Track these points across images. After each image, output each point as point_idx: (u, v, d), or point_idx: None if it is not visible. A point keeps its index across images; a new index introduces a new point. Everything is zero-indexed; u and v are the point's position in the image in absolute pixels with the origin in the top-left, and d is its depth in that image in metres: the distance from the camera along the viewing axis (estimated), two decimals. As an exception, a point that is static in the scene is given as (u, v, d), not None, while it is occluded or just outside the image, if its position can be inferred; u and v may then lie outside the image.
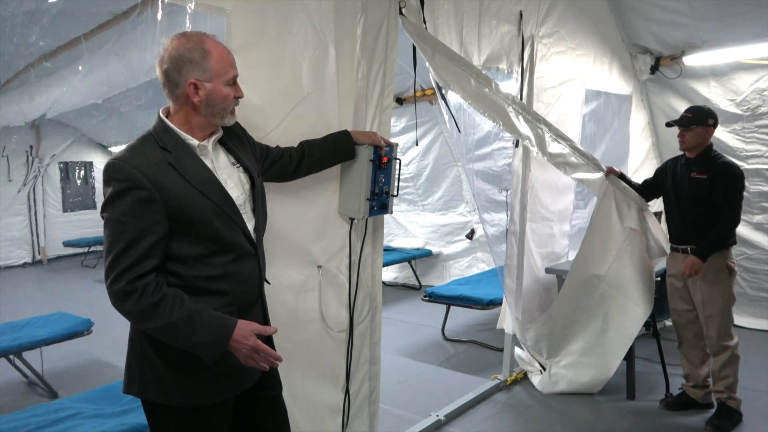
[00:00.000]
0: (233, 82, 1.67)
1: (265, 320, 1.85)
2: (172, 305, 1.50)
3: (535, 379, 3.78)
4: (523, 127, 3.08)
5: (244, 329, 1.58)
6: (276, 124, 2.22)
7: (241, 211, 1.70)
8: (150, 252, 1.51)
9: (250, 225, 1.73)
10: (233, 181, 1.72)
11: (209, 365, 1.59)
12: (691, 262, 3.10)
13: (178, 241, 1.57)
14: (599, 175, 3.46)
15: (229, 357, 1.61)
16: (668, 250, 3.43)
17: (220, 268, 1.63)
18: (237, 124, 1.85)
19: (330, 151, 2.26)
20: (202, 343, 1.53)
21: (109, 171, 1.52)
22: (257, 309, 1.81)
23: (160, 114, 1.66)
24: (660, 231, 3.50)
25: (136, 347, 1.66)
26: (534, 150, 3.18)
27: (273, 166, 2.08)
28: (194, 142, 1.65)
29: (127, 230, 1.49)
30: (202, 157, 1.66)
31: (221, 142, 1.76)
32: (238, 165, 1.77)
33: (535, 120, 3.15)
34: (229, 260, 1.65)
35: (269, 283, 1.91)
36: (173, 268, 1.58)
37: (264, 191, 1.86)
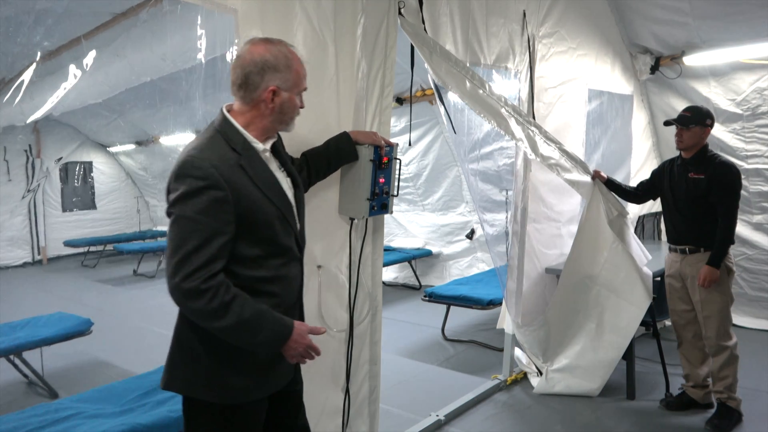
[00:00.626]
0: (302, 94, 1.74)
1: (301, 320, 1.90)
2: (242, 305, 1.53)
3: (534, 381, 3.78)
4: (516, 129, 3.09)
5: (302, 329, 1.66)
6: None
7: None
8: (220, 252, 1.53)
9: (297, 228, 1.79)
10: (286, 185, 1.77)
11: (253, 364, 1.65)
12: (706, 275, 3.08)
13: (239, 242, 1.60)
14: (587, 178, 3.50)
15: (274, 356, 1.68)
16: (649, 257, 3.49)
17: (272, 270, 1.68)
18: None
19: (334, 156, 2.26)
20: (265, 341, 1.59)
21: (187, 167, 1.52)
22: (296, 310, 1.85)
23: (226, 114, 1.68)
24: (636, 239, 3.56)
25: (182, 344, 1.68)
26: (528, 152, 3.21)
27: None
28: (260, 146, 1.69)
29: (200, 229, 1.50)
30: (266, 162, 1.70)
31: (273, 147, 1.80)
32: (284, 169, 1.82)
33: (526, 122, 3.16)
34: (281, 263, 1.71)
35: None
36: (231, 267, 1.60)
37: (304, 197, 1.90)
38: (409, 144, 6.40)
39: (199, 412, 1.69)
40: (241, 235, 1.58)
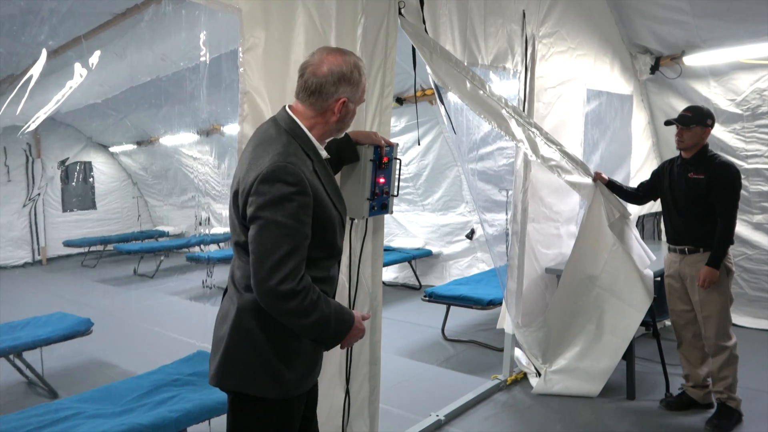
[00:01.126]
0: None
1: None
2: (325, 301, 1.63)
3: (533, 382, 3.78)
4: (517, 130, 3.09)
5: (358, 317, 1.77)
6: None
7: None
8: (305, 255, 1.59)
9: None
10: None
11: (302, 358, 1.71)
12: (705, 276, 3.08)
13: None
14: (589, 179, 3.50)
15: (317, 348, 1.76)
16: (653, 258, 3.48)
17: (325, 271, 1.75)
18: None
19: (335, 158, 2.25)
20: (338, 333, 1.69)
21: (279, 173, 1.54)
22: None
23: (294, 117, 1.71)
24: (639, 241, 3.55)
25: (245, 341, 1.68)
26: (528, 153, 3.21)
27: None
28: (324, 153, 1.75)
29: (292, 233, 1.55)
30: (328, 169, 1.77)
31: None
32: None
33: (527, 123, 3.16)
34: (332, 264, 1.80)
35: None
36: None
37: None
38: (418, 143, 6.42)
39: (251, 409, 1.72)
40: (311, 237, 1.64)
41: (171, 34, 3.79)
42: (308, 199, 1.58)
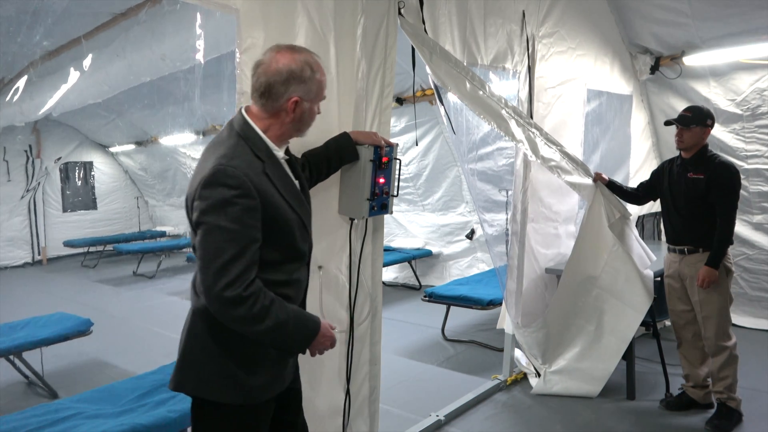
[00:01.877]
0: None
1: None
2: (279, 307, 1.57)
3: (533, 382, 3.78)
4: (516, 130, 3.09)
5: (326, 325, 1.72)
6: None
7: None
8: (254, 259, 1.55)
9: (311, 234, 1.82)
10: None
11: (266, 363, 1.68)
12: (704, 276, 3.08)
13: (261, 247, 1.60)
14: (589, 180, 3.49)
15: (284, 355, 1.72)
16: (653, 258, 3.48)
17: (287, 274, 1.70)
18: None
19: (335, 157, 2.26)
20: (299, 339, 1.65)
21: (220, 176, 1.51)
22: None
23: (248, 118, 1.67)
24: (639, 241, 3.54)
25: (196, 345, 1.67)
26: (528, 153, 3.21)
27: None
28: (280, 153, 1.70)
29: (236, 238, 1.50)
30: (285, 169, 1.72)
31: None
32: (295, 175, 1.82)
33: (527, 124, 3.16)
34: (296, 267, 1.74)
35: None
36: None
37: (310, 199, 1.91)
38: (416, 143, 6.41)
39: (211, 414, 1.69)
40: (264, 240, 1.60)
41: (170, 34, 3.79)
42: (253, 201, 1.53)
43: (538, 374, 3.77)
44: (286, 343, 1.65)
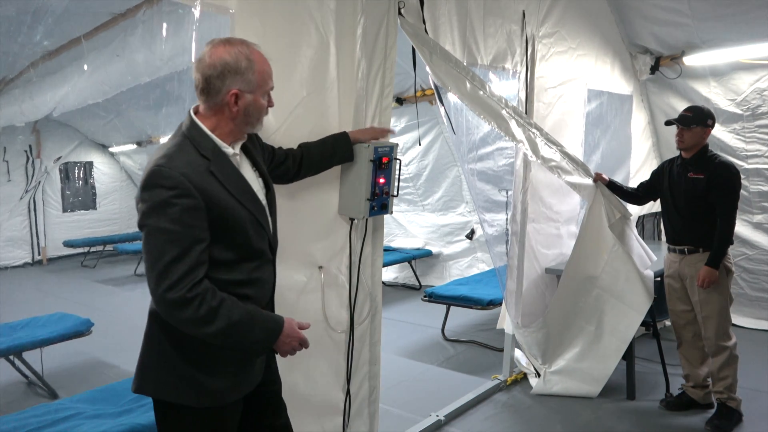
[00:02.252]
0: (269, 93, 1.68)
1: None
2: (230, 307, 1.53)
3: (533, 382, 3.78)
4: (517, 131, 3.09)
5: (292, 323, 1.67)
6: (278, 124, 2.22)
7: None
8: (201, 259, 1.51)
9: (270, 231, 1.76)
10: (256, 186, 1.73)
11: (226, 366, 1.64)
12: (705, 276, 3.07)
13: (213, 247, 1.57)
14: (589, 180, 3.49)
15: (245, 356, 1.67)
16: (654, 258, 3.48)
17: (245, 274, 1.65)
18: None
19: (329, 153, 2.26)
20: (258, 339, 1.61)
21: (155, 177, 1.48)
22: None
23: (194, 118, 1.64)
24: (640, 241, 3.54)
25: (153, 347, 1.65)
26: (528, 153, 3.21)
27: (278, 168, 2.09)
28: (229, 150, 1.65)
29: (177, 239, 1.47)
30: (235, 166, 1.67)
31: (244, 148, 1.77)
32: (256, 170, 1.79)
33: (527, 124, 3.16)
34: (255, 266, 1.68)
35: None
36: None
37: (275, 196, 1.87)
38: (419, 143, 6.41)
39: (173, 416, 1.67)
40: (214, 239, 1.56)
41: (170, 35, 3.79)
42: (192, 201, 1.49)
43: (538, 374, 3.77)
44: (245, 344, 1.61)
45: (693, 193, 3.14)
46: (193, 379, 1.62)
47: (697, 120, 3.11)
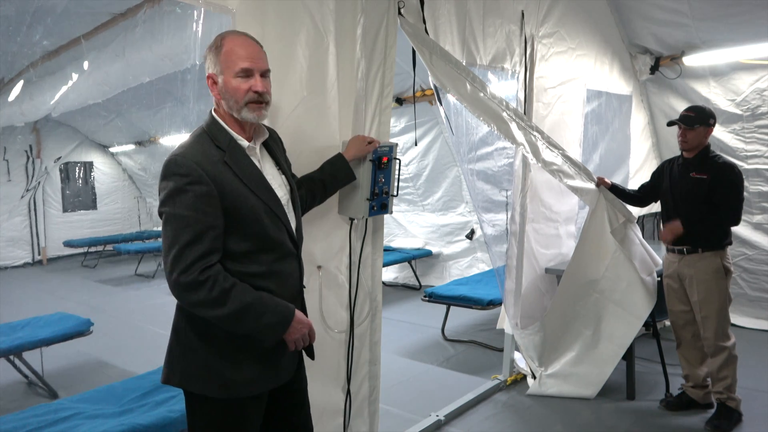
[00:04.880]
0: (245, 75, 1.65)
1: None
2: (243, 290, 1.57)
3: (529, 383, 3.78)
4: (518, 133, 3.08)
5: (301, 314, 1.71)
6: (280, 123, 2.22)
7: (286, 210, 1.75)
8: (214, 245, 1.56)
9: (293, 225, 1.79)
10: (277, 182, 1.77)
11: (252, 358, 1.67)
12: (671, 228, 3.11)
13: (228, 237, 1.61)
14: (592, 185, 3.46)
15: (271, 350, 1.70)
16: (658, 261, 3.47)
17: (264, 266, 1.67)
18: (276, 134, 1.93)
19: (328, 179, 2.23)
20: (270, 323, 1.62)
21: (171, 166, 1.55)
22: (297, 307, 1.82)
23: (213, 113, 1.70)
24: (645, 245, 3.52)
25: (180, 337, 1.69)
26: (529, 156, 3.19)
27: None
28: (245, 143, 1.70)
29: (191, 224, 1.52)
30: (251, 158, 1.71)
31: (267, 145, 1.82)
32: (279, 168, 1.83)
33: (528, 127, 3.15)
34: (274, 259, 1.70)
35: (305, 287, 1.92)
36: (223, 263, 1.61)
37: (298, 195, 1.91)
38: (416, 143, 6.41)
39: (199, 406, 1.71)
40: (230, 230, 1.60)
41: (170, 34, 3.79)
42: (206, 188, 1.54)
43: (534, 376, 3.76)
44: (258, 329, 1.62)
45: (695, 193, 3.13)
46: (216, 370, 1.65)
47: (700, 120, 3.11)
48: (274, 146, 1.85)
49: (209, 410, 1.69)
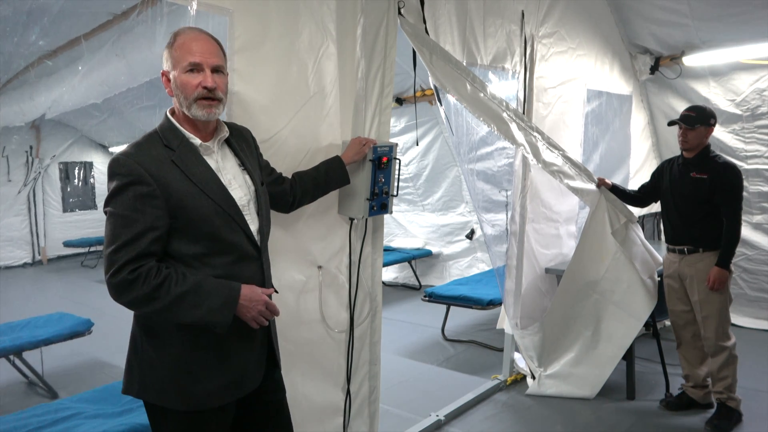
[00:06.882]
0: (195, 69, 1.60)
1: (268, 324, 1.79)
2: (176, 281, 1.51)
3: (529, 383, 3.77)
4: (518, 134, 3.07)
5: (253, 288, 1.62)
6: (284, 124, 2.22)
7: (244, 212, 1.68)
8: (151, 246, 1.51)
9: (254, 227, 1.71)
10: (238, 182, 1.71)
11: (211, 370, 1.62)
12: (715, 277, 3.06)
13: (178, 239, 1.57)
14: (592, 186, 3.46)
15: (231, 360, 1.63)
16: (660, 261, 3.47)
17: (220, 269, 1.61)
18: (249, 132, 1.88)
19: (322, 179, 2.21)
20: (213, 308, 1.54)
21: (113, 166, 1.53)
22: None
23: (167, 113, 1.68)
24: (646, 245, 3.51)
25: (137, 348, 1.66)
26: (529, 157, 3.18)
27: (273, 186, 2.01)
28: (197, 141, 1.65)
29: (128, 224, 1.49)
30: (205, 157, 1.66)
31: (230, 144, 1.76)
32: (243, 168, 1.76)
33: (528, 127, 3.14)
34: (230, 261, 1.64)
35: (277, 292, 1.83)
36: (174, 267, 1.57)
37: (267, 196, 1.84)
38: (417, 143, 6.41)
39: (161, 418, 1.67)
40: (178, 231, 1.56)
41: (169, 34, 3.78)
42: (146, 188, 1.50)
43: (533, 377, 3.76)
44: (202, 316, 1.53)
45: (695, 193, 3.13)
46: (174, 382, 1.61)
47: (701, 119, 3.11)
48: (239, 144, 1.78)
49: (170, 422, 1.65)
